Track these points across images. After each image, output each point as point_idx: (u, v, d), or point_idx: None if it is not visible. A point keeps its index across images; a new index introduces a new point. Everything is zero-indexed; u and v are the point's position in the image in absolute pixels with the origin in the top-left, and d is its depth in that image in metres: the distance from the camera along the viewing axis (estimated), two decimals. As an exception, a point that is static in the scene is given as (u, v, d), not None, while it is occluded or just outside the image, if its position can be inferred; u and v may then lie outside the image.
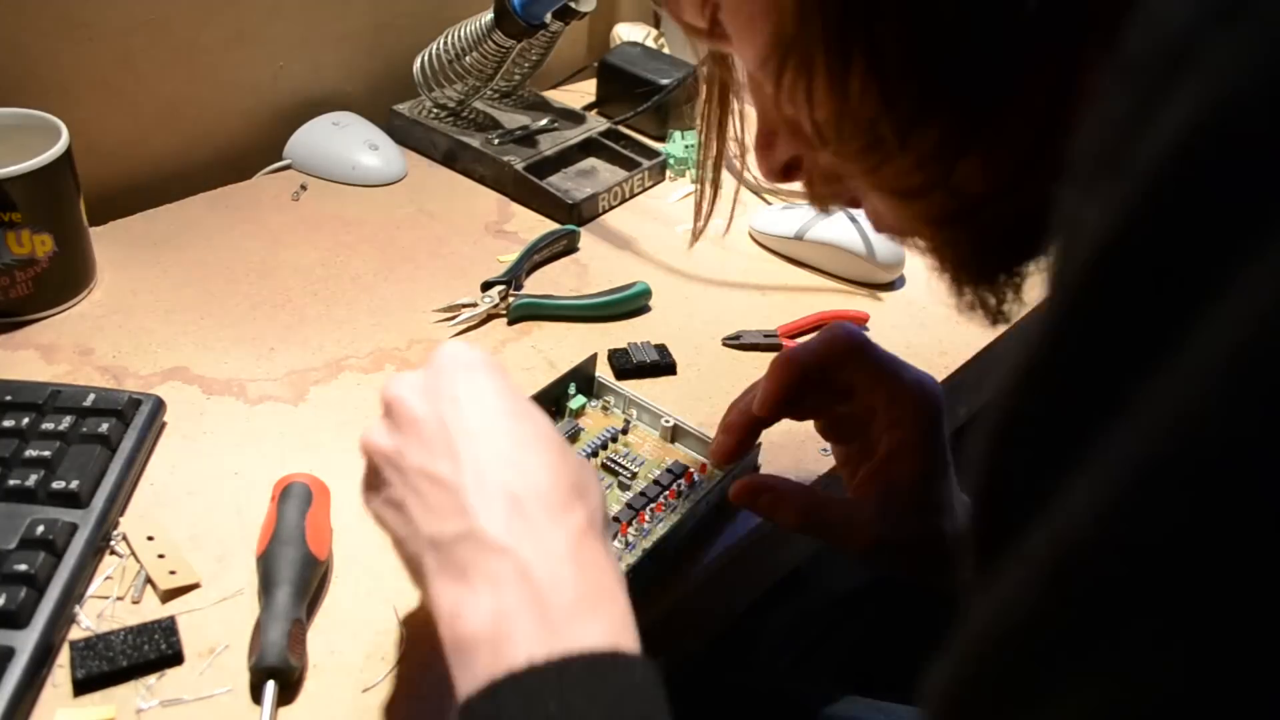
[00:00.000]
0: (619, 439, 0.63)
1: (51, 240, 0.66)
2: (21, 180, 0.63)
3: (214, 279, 0.74)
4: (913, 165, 0.34)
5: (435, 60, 0.89)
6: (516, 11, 0.81)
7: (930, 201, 0.35)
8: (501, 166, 0.89)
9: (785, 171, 0.42)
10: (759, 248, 0.87)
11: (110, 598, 0.50)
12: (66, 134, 0.66)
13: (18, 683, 0.44)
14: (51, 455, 0.54)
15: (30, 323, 0.68)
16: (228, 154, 0.89)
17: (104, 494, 0.54)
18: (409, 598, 0.53)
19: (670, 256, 0.84)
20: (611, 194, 0.90)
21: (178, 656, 0.48)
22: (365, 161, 0.88)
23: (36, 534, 0.50)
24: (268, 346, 0.69)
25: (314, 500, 0.53)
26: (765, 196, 0.94)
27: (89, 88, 0.78)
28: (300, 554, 0.50)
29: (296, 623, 0.48)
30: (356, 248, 0.80)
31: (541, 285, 0.78)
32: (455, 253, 0.81)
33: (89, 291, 0.71)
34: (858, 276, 0.83)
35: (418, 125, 0.93)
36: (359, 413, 0.64)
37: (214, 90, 0.86)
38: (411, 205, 0.87)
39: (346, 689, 0.48)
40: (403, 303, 0.75)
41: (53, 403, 0.57)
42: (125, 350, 0.67)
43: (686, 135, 1.01)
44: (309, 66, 0.92)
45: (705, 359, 0.73)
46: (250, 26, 0.86)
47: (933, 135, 0.33)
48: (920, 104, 0.32)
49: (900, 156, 0.34)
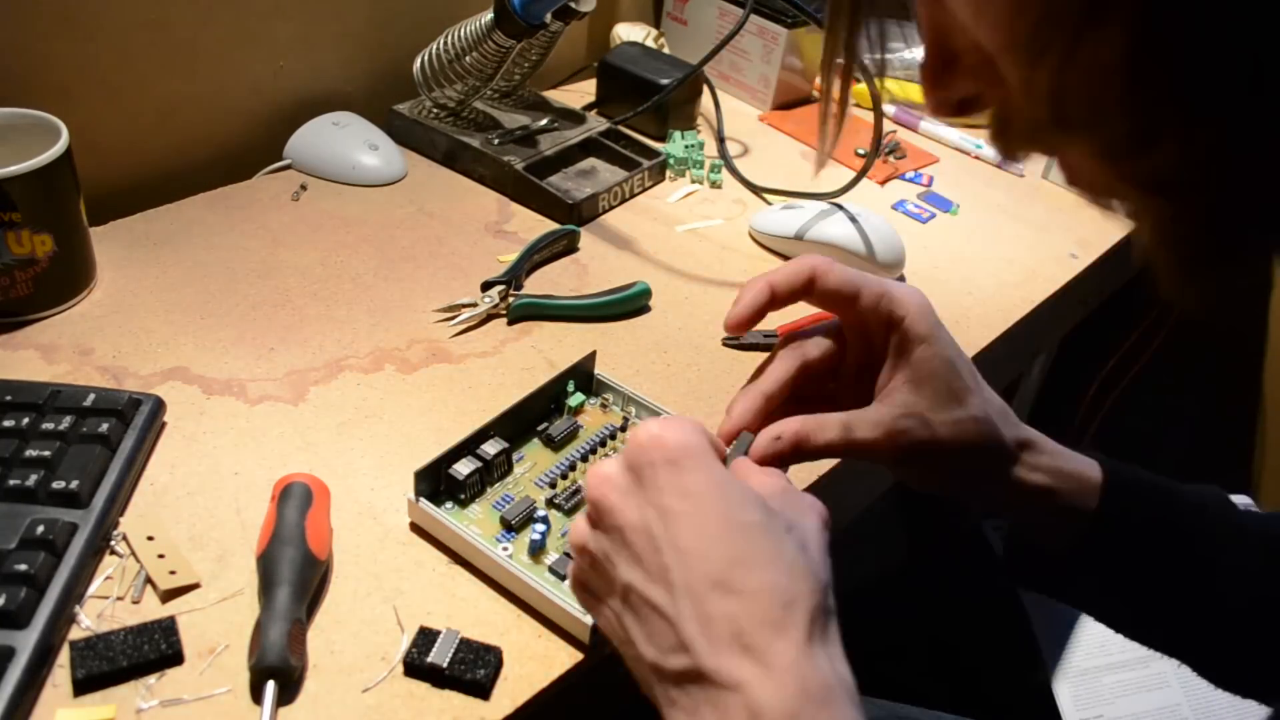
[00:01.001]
0: (617, 436, 0.63)
1: (51, 240, 0.66)
2: (21, 180, 0.63)
3: (214, 279, 0.74)
4: (1139, 130, 0.30)
5: (435, 60, 0.89)
6: (516, 11, 0.81)
7: (1149, 164, 0.31)
8: (501, 166, 0.89)
9: (960, 107, 0.37)
10: (759, 248, 0.87)
11: (110, 598, 0.51)
12: (66, 134, 0.66)
13: (18, 683, 0.44)
14: (51, 455, 0.54)
15: (30, 323, 0.68)
16: (228, 154, 0.89)
17: (104, 494, 0.54)
18: (409, 598, 0.53)
19: (670, 256, 0.84)
20: (611, 194, 0.90)
21: (178, 656, 0.48)
22: (365, 161, 0.88)
23: (36, 534, 0.50)
24: (268, 346, 0.69)
25: (314, 500, 0.53)
26: (765, 197, 0.94)
27: (89, 88, 0.78)
28: (300, 554, 0.50)
29: (296, 623, 0.48)
30: (356, 248, 0.80)
31: (541, 285, 0.78)
32: (455, 253, 0.81)
33: (89, 291, 0.71)
34: (858, 276, 0.83)
35: (418, 125, 0.93)
36: (359, 413, 0.64)
37: (214, 90, 0.86)
38: (411, 205, 0.87)
39: (346, 689, 0.48)
40: (403, 303, 0.75)
41: (53, 403, 0.57)
42: (125, 350, 0.67)
43: (686, 135, 1.01)
44: (309, 66, 0.92)
45: (705, 359, 0.73)
46: (250, 26, 0.86)
47: (1179, 108, 0.29)
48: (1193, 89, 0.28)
49: (1128, 123, 0.30)
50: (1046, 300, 0.86)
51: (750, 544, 0.39)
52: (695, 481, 0.40)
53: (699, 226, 0.89)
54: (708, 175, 0.96)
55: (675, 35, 1.18)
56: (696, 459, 0.41)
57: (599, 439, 0.62)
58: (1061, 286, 0.88)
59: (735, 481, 0.41)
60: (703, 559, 0.39)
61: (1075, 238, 0.95)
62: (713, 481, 0.40)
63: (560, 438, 0.62)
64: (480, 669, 0.49)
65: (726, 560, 0.38)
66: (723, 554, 0.39)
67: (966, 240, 0.92)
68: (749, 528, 0.39)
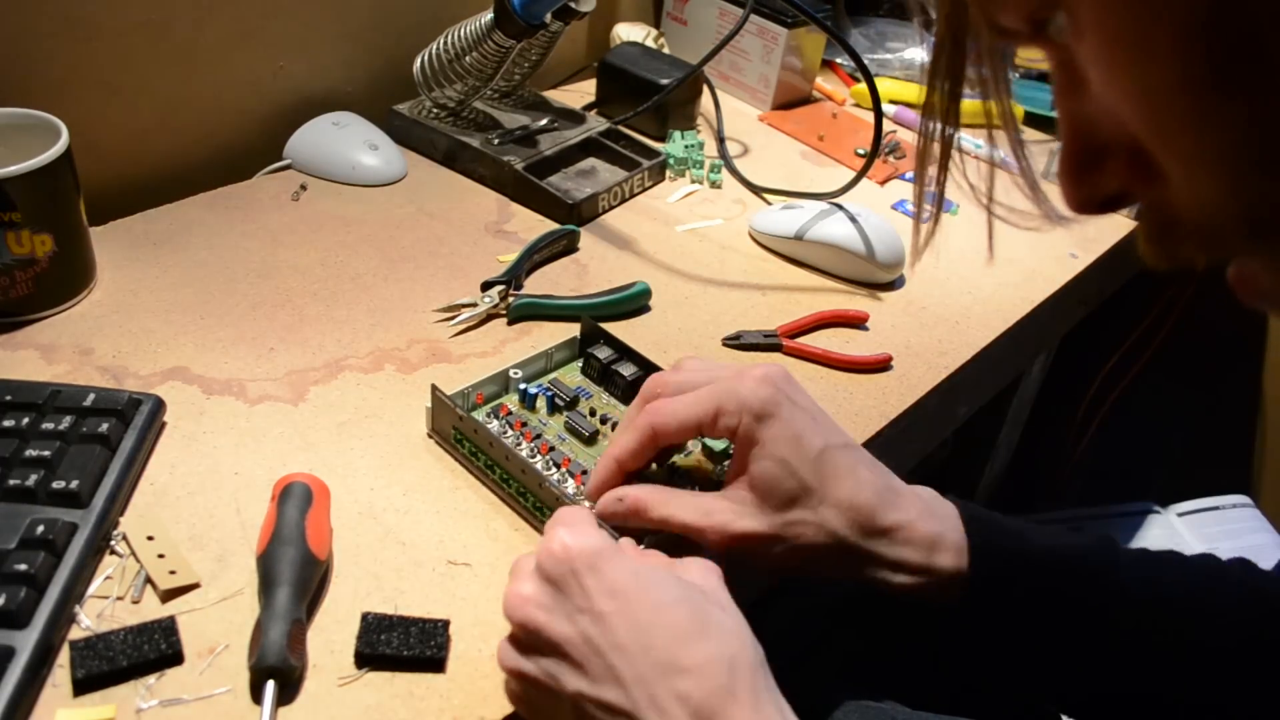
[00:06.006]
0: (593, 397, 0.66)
1: (51, 240, 0.66)
2: (21, 180, 0.63)
3: (214, 279, 0.74)
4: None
5: (435, 60, 0.89)
6: (516, 11, 0.81)
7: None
8: (501, 166, 0.89)
9: (1105, 205, 0.33)
10: (759, 247, 0.87)
11: (110, 598, 0.50)
12: (66, 134, 0.66)
13: (18, 683, 0.44)
14: (51, 455, 0.54)
15: (30, 323, 0.68)
16: (228, 154, 0.89)
17: (104, 494, 0.54)
18: (409, 598, 0.53)
19: (670, 256, 0.84)
20: (611, 194, 0.90)
21: (178, 656, 0.48)
22: (365, 161, 0.88)
23: (36, 534, 0.50)
24: (268, 346, 0.69)
25: (314, 500, 0.53)
26: (765, 197, 0.94)
27: (89, 88, 0.78)
28: (300, 554, 0.50)
29: (296, 623, 0.48)
30: (356, 248, 0.80)
31: (541, 285, 0.78)
32: (455, 253, 0.81)
33: (89, 291, 0.71)
34: (858, 276, 0.83)
35: (418, 125, 0.93)
36: (359, 413, 0.64)
37: (214, 90, 0.86)
38: (411, 205, 0.87)
39: (347, 689, 0.48)
40: (403, 303, 0.75)
41: (53, 403, 0.57)
42: (125, 350, 0.67)
43: (686, 135, 1.01)
44: (309, 66, 0.92)
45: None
46: (250, 26, 0.86)
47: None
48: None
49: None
50: (1046, 300, 0.86)
51: (682, 621, 0.41)
52: (616, 579, 0.42)
53: (699, 226, 0.89)
54: (708, 175, 0.96)
55: (675, 35, 1.18)
56: (610, 558, 0.43)
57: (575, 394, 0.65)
58: (1061, 286, 0.88)
59: (649, 567, 0.44)
60: (645, 650, 0.40)
61: (1075, 238, 0.95)
62: (631, 574, 0.43)
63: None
64: (431, 647, 0.49)
65: (666, 643, 0.40)
66: (662, 639, 0.40)
67: (966, 240, 0.92)
68: (676, 606, 0.42)
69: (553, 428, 0.62)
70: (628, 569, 0.43)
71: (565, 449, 0.60)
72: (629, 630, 0.41)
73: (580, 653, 0.42)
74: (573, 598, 0.42)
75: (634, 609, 0.41)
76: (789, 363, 0.74)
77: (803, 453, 0.49)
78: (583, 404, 0.64)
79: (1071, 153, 0.32)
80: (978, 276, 0.87)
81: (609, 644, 0.41)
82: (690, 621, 0.41)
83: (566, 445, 0.61)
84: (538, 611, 0.43)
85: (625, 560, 0.43)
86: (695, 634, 0.41)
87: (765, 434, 0.49)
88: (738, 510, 0.50)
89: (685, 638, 0.41)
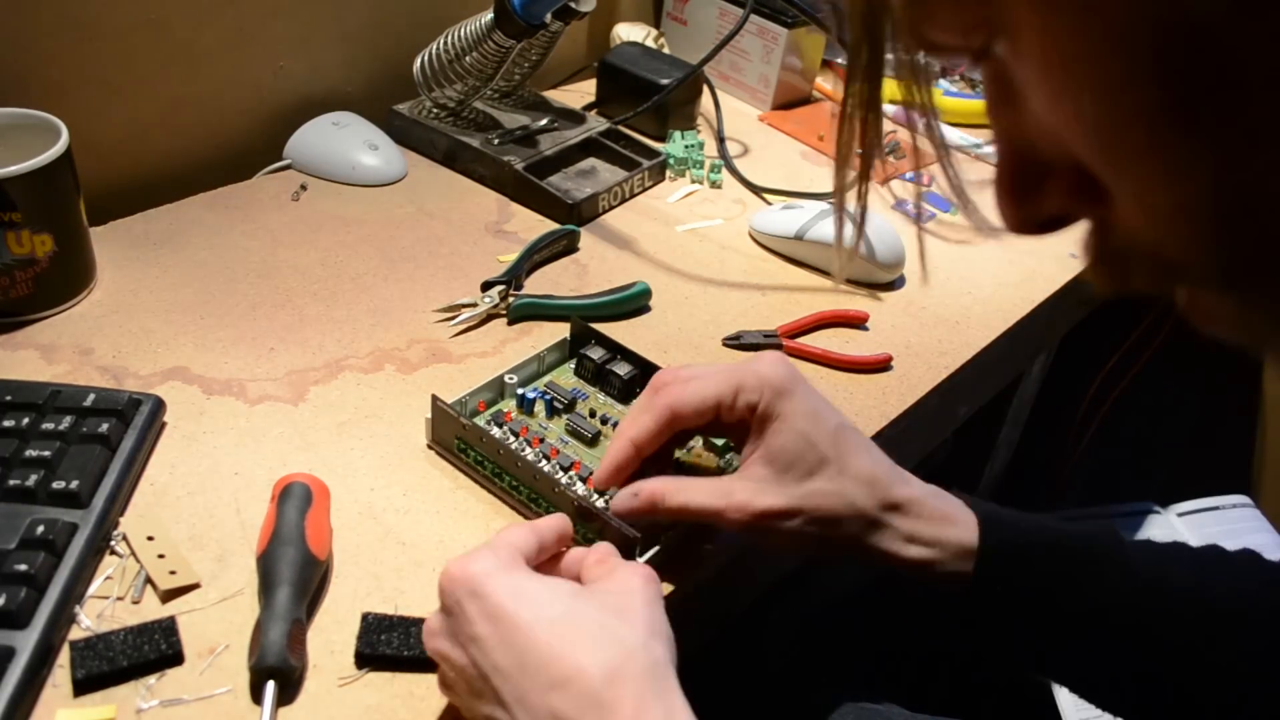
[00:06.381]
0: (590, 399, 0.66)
1: (51, 240, 0.66)
2: (21, 180, 0.63)
3: (214, 279, 0.74)
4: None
5: (435, 60, 0.89)
6: (516, 11, 0.81)
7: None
8: (501, 166, 0.89)
9: (1045, 226, 0.31)
10: (759, 247, 0.87)
11: (110, 598, 0.50)
12: (66, 134, 0.66)
13: (18, 683, 0.44)
14: (51, 455, 0.54)
15: (30, 323, 0.68)
16: (228, 154, 0.89)
17: (104, 494, 0.54)
18: (409, 598, 0.53)
19: (670, 256, 0.84)
20: (611, 194, 0.90)
21: (178, 656, 0.48)
22: (365, 161, 0.88)
23: (36, 534, 0.50)
24: (268, 346, 0.69)
25: (314, 500, 0.53)
26: (765, 197, 0.94)
27: (89, 88, 0.78)
28: (300, 554, 0.50)
29: (296, 623, 0.48)
30: (356, 248, 0.80)
31: (541, 285, 0.78)
32: (455, 253, 0.81)
33: (89, 291, 0.71)
34: (858, 276, 0.83)
35: (418, 125, 0.93)
36: (359, 413, 0.64)
37: (214, 90, 0.86)
38: (411, 205, 0.87)
39: (347, 689, 0.48)
40: (403, 303, 0.75)
41: (53, 403, 0.57)
42: (125, 350, 0.67)
43: (686, 135, 1.01)
44: (309, 66, 0.92)
45: (705, 359, 0.73)
46: (250, 26, 0.86)
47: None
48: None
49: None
50: (1046, 300, 0.86)
51: (558, 638, 0.41)
52: (494, 602, 0.42)
53: (699, 226, 0.89)
54: (708, 175, 0.96)
55: (675, 35, 1.18)
56: (492, 580, 0.43)
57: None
58: (1061, 286, 0.88)
59: (535, 585, 0.43)
60: (521, 670, 0.41)
61: (1075, 238, 0.94)
62: (511, 594, 0.43)
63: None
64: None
65: (541, 663, 0.41)
66: (536, 659, 0.41)
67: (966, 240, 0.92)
68: (554, 623, 0.42)
69: (554, 431, 0.62)
70: (508, 589, 0.43)
71: (570, 452, 0.60)
72: (505, 652, 0.41)
73: (470, 677, 0.43)
74: (461, 625, 0.43)
75: (509, 632, 0.42)
76: (789, 363, 0.74)
77: (822, 426, 0.51)
78: (581, 405, 0.64)
79: (1008, 171, 0.30)
80: (977, 276, 0.87)
81: (490, 667, 0.41)
82: (566, 636, 0.41)
83: (570, 448, 0.61)
84: (436, 641, 0.45)
85: (509, 580, 0.43)
86: (569, 648, 0.41)
87: (786, 408, 0.51)
88: (757, 488, 0.51)
89: (560, 653, 0.41)
